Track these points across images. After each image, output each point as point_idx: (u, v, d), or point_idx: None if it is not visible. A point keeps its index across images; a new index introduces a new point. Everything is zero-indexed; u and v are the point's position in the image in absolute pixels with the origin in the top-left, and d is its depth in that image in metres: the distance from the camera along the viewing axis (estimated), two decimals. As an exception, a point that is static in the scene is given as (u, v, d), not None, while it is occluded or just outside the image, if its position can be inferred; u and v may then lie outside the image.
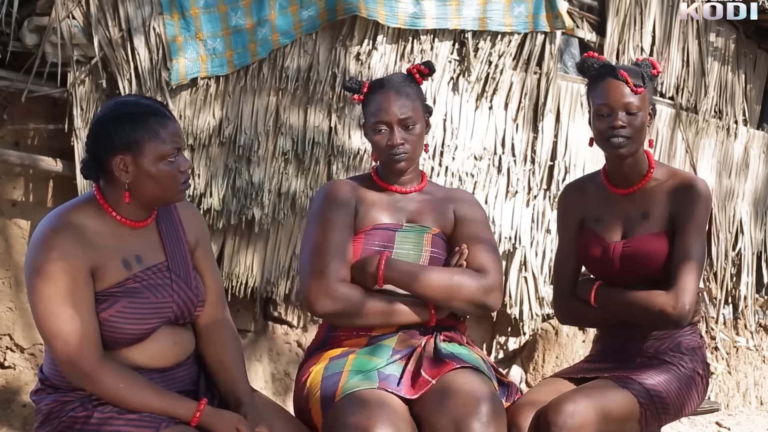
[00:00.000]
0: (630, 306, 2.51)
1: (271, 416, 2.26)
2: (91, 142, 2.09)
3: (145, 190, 2.08)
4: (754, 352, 6.37)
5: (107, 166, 2.07)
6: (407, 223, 2.51)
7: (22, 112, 3.98)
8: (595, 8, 5.45)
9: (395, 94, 2.47)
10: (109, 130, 2.05)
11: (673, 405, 2.47)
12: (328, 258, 2.37)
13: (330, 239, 2.40)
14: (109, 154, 2.05)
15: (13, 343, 4.02)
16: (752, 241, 6.34)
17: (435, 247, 2.47)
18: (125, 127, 2.04)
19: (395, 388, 2.25)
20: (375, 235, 2.45)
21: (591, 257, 2.62)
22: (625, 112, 2.52)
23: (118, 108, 2.08)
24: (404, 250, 2.44)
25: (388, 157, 2.47)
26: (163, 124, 2.07)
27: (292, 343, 4.69)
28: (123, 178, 2.06)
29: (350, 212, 2.47)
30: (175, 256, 2.18)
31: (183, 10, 4.04)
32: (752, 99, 6.32)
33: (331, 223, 2.43)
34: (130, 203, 2.10)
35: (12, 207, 4.02)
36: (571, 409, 2.28)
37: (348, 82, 2.54)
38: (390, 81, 2.52)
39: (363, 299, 2.37)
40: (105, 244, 2.08)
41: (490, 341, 5.37)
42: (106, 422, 2.03)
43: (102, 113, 2.09)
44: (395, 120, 2.45)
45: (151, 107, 2.09)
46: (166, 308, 2.13)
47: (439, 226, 2.52)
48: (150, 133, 2.05)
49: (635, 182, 2.60)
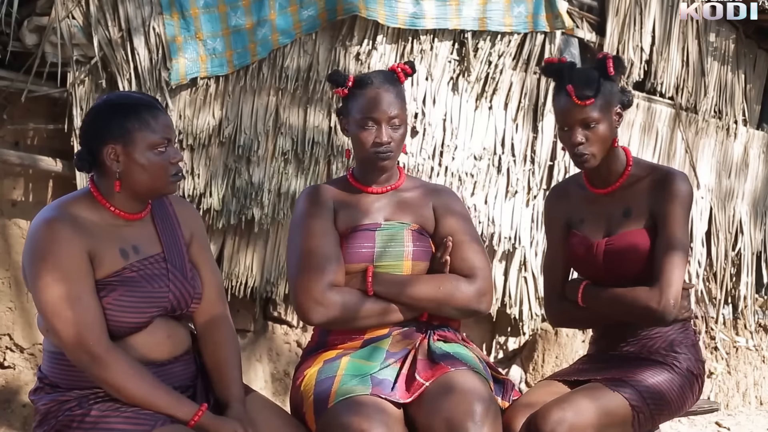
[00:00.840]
0: (615, 303, 2.49)
1: (270, 417, 2.26)
2: (83, 133, 2.13)
3: (135, 179, 2.10)
4: (754, 352, 6.37)
5: (99, 157, 2.10)
6: (385, 221, 2.48)
7: (22, 112, 3.98)
8: (595, 8, 5.45)
9: (385, 91, 2.44)
10: (101, 121, 2.09)
11: (667, 405, 2.46)
12: (314, 266, 2.35)
13: (315, 246, 2.38)
14: (100, 144, 2.09)
15: (13, 343, 4.02)
16: (752, 241, 6.34)
17: (417, 241, 2.45)
18: (116, 116, 2.08)
19: (389, 394, 2.24)
20: (355, 237, 2.43)
21: (576, 258, 2.62)
22: (580, 127, 2.47)
23: (110, 100, 2.13)
24: (386, 248, 2.42)
25: (372, 154, 2.43)
26: (153, 115, 2.10)
27: (292, 343, 4.69)
28: (114, 168, 2.09)
29: (331, 216, 2.45)
30: (171, 248, 2.20)
31: (183, 10, 4.04)
32: (752, 99, 6.32)
33: (314, 229, 2.41)
34: (122, 193, 2.12)
35: (12, 207, 4.02)
36: (560, 416, 2.28)
37: (334, 74, 2.49)
38: (378, 77, 2.47)
39: (355, 302, 2.36)
40: (102, 234, 2.10)
41: (489, 341, 5.38)
42: (102, 419, 2.03)
43: (95, 106, 2.13)
44: (385, 118, 2.42)
45: (142, 99, 2.13)
46: (163, 298, 2.14)
47: (418, 222, 2.49)
48: (140, 123, 2.08)
49: (613, 181, 2.58)
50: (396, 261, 2.42)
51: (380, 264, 2.41)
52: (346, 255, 2.41)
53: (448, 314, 2.44)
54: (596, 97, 2.45)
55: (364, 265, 2.40)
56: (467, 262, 2.43)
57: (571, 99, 2.45)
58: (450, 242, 2.43)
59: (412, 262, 2.43)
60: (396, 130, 2.44)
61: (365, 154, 2.45)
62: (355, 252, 2.41)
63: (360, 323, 2.38)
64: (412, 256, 2.43)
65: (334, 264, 2.37)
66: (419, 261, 2.44)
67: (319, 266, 2.35)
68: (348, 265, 2.40)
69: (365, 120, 2.42)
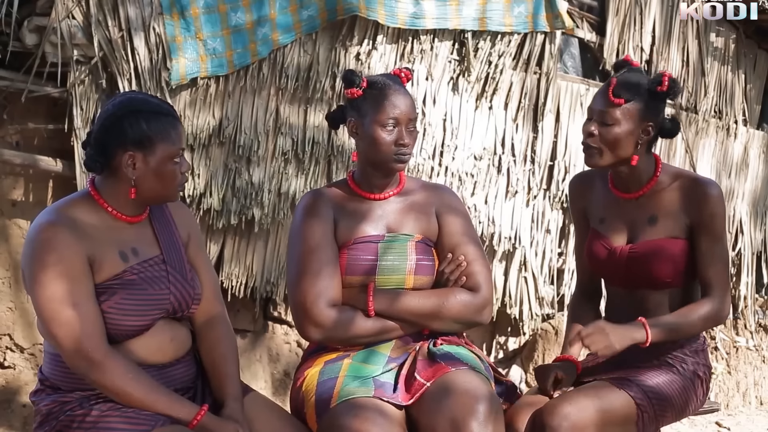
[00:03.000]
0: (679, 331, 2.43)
1: (270, 416, 2.26)
2: (102, 135, 2.10)
3: (148, 187, 2.11)
4: (754, 352, 6.37)
5: (114, 161, 2.09)
6: (388, 233, 2.44)
7: (22, 112, 3.98)
8: (595, 8, 5.45)
9: (404, 93, 2.42)
10: (123, 126, 2.07)
11: (671, 407, 2.45)
12: (313, 283, 2.33)
13: (313, 260, 2.35)
14: (119, 149, 2.08)
15: (13, 343, 4.02)
16: (752, 241, 6.34)
17: (420, 254, 2.42)
18: (140, 124, 2.07)
19: (391, 396, 2.24)
20: (357, 248, 2.40)
21: (596, 258, 2.59)
22: (598, 120, 2.44)
23: (133, 104, 2.10)
24: (388, 261, 2.39)
25: (390, 156, 2.39)
26: (173, 125, 2.11)
27: (292, 343, 4.69)
28: (130, 174, 2.09)
29: (330, 226, 2.41)
30: (170, 250, 2.20)
31: (183, 10, 4.04)
32: (752, 99, 6.32)
33: (312, 242, 2.37)
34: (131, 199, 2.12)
35: (12, 207, 4.02)
36: (566, 411, 2.27)
37: (349, 74, 2.44)
38: (391, 80, 2.45)
39: (355, 323, 2.34)
40: (101, 237, 2.10)
41: (490, 341, 5.37)
42: (102, 419, 2.03)
43: (115, 108, 2.10)
44: (406, 119, 2.39)
45: (163, 107, 2.13)
46: (164, 300, 2.14)
47: (421, 232, 2.46)
48: (163, 133, 2.09)
49: (636, 188, 2.52)
50: (398, 275, 2.40)
51: (381, 277, 2.39)
52: (347, 266, 2.38)
53: (449, 328, 2.43)
54: (628, 102, 2.40)
55: (365, 279, 2.38)
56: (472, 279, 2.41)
57: (606, 90, 2.42)
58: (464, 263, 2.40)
59: (414, 277, 2.41)
60: (411, 133, 2.42)
61: (383, 156, 2.40)
62: (356, 264, 2.38)
63: (359, 341, 2.37)
64: (415, 270, 2.40)
65: (332, 279, 2.34)
66: (422, 275, 2.41)
67: (318, 283, 2.33)
68: (348, 277, 2.38)
69: (388, 120, 2.38)
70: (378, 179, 2.47)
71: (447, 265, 2.42)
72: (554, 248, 5.27)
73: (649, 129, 2.44)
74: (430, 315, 2.37)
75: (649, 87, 2.41)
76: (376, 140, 2.39)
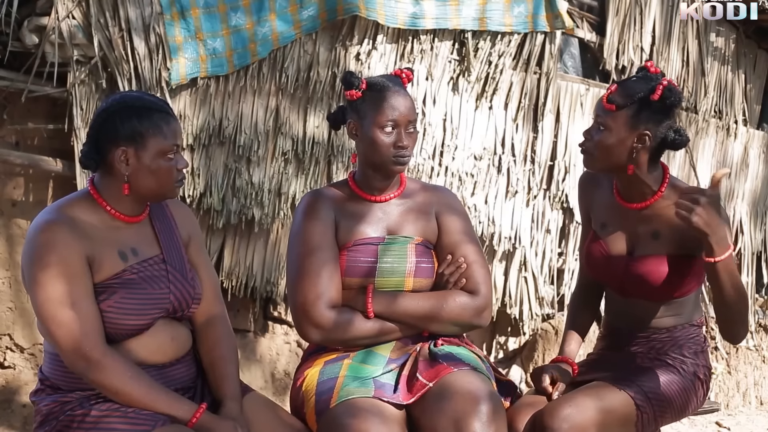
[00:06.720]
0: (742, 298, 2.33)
1: (270, 416, 2.26)
2: (95, 132, 2.11)
3: (142, 183, 2.11)
4: (754, 352, 6.37)
5: (108, 157, 2.09)
6: (388, 235, 2.44)
7: (22, 112, 3.98)
8: (595, 8, 5.45)
9: (404, 95, 2.41)
10: (115, 122, 2.08)
11: (670, 407, 2.45)
12: (313, 284, 2.32)
13: (313, 261, 2.34)
14: (111, 145, 2.08)
15: (13, 343, 4.02)
16: (752, 241, 6.34)
17: (420, 256, 2.42)
18: (131, 119, 2.07)
19: (391, 396, 2.24)
20: (357, 250, 2.40)
21: (593, 261, 2.58)
22: (594, 123, 2.44)
23: (125, 101, 2.11)
24: (388, 263, 2.39)
25: (389, 158, 2.39)
26: (166, 121, 2.11)
27: (292, 343, 4.69)
28: (123, 170, 2.09)
29: (331, 228, 2.41)
30: (170, 250, 2.20)
31: (183, 10, 4.04)
32: (752, 99, 6.33)
33: (313, 244, 2.37)
34: (126, 195, 2.12)
35: (12, 207, 4.02)
36: (566, 413, 2.27)
37: (348, 76, 2.44)
38: (392, 81, 2.44)
39: (354, 324, 2.34)
40: (100, 236, 2.10)
41: (490, 341, 5.38)
42: (102, 419, 2.03)
43: (107, 105, 2.12)
44: (405, 121, 2.38)
45: (156, 103, 2.13)
46: (164, 300, 2.14)
47: (421, 235, 2.46)
48: (154, 128, 2.08)
49: (640, 199, 2.47)
50: (397, 277, 2.39)
51: (381, 279, 2.39)
52: (346, 268, 2.38)
53: (448, 330, 2.42)
54: (620, 109, 2.37)
55: (364, 281, 2.38)
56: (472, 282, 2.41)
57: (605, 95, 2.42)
58: (464, 265, 2.40)
59: (413, 279, 2.40)
60: (410, 135, 2.41)
61: (382, 158, 2.40)
62: (356, 266, 2.38)
63: (359, 343, 2.37)
64: (414, 272, 2.40)
65: (332, 280, 2.34)
66: (421, 278, 2.41)
67: (318, 284, 2.32)
68: (348, 278, 2.38)
69: (388, 122, 2.37)
70: (378, 181, 2.46)
71: (446, 267, 2.42)
72: (554, 248, 5.27)
73: (645, 138, 2.38)
74: (429, 317, 2.37)
75: (643, 95, 2.37)
76: (375, 142, 2.39)
